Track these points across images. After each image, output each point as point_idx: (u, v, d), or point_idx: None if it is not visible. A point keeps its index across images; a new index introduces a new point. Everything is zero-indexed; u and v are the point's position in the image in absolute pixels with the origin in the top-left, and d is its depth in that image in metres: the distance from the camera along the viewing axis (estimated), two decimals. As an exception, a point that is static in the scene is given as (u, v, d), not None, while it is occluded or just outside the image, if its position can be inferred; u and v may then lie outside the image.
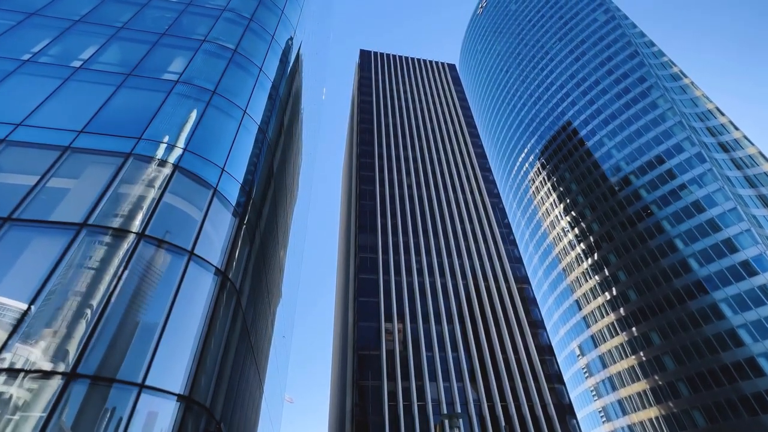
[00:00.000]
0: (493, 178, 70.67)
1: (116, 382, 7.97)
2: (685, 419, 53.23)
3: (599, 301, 71.06)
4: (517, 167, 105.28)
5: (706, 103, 68.62)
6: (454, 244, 57.24)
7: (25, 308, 7.94)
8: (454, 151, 74.38)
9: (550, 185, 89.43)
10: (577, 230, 78.79)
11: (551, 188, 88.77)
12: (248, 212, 14.07)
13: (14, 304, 8.03)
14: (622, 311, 65.84)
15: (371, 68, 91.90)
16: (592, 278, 73.36)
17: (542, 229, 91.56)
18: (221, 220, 12.37)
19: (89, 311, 8.32)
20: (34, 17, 15.87)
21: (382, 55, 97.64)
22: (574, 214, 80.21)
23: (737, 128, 64.13)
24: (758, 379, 46.38)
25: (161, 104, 13.15)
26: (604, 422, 68.65)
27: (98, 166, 11.09)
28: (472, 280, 53.45)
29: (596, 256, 72.70)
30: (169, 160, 11.69)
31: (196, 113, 13.52)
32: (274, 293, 22.80)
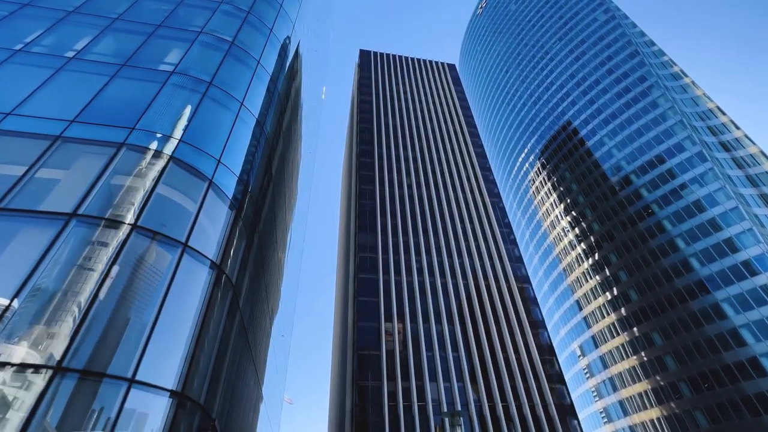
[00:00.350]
0: (493, 177, 70.39)
1: (105, 376, 7.64)
2: (687, 420, 52.85)
3: (600, 301, 70.72)
4: (517, 167, 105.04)
5: (706, 102, 68.42)
6: (454, 243, 56.93)
7: (8, 301, 7.62)
8: (454, 150, 74.12)
9: (550, 185, 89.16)
10: (577, 230, 78.50)
11: (551, 188, 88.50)
12: (245, 206, 13.75)
13: (-1, 295, 7.71)
14: (623, 311, 65.50)
15: (371, 68, 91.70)
16: (592, 278, 73.04)
17: (542, 229, 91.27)
18: (217, 212, 12.05)
19: (77, 303, 8.00)
20: (27, 8, 15.58)
21: (381, 55, 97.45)
22: (574, 213, 79.93)
23: (738, 127, 63.90)
24: (761, 379, 46.05)
25: (156, 95, 12.84)
26: (605, 423, 68.24)
27: (90, 156, 10.77)
28: (472, 279, 53.12)
29: (597, 255, 72.40)
30: (163, 150, 11.38)
31: (191, 104, 13.22)
32: (272, 291, 22.47)
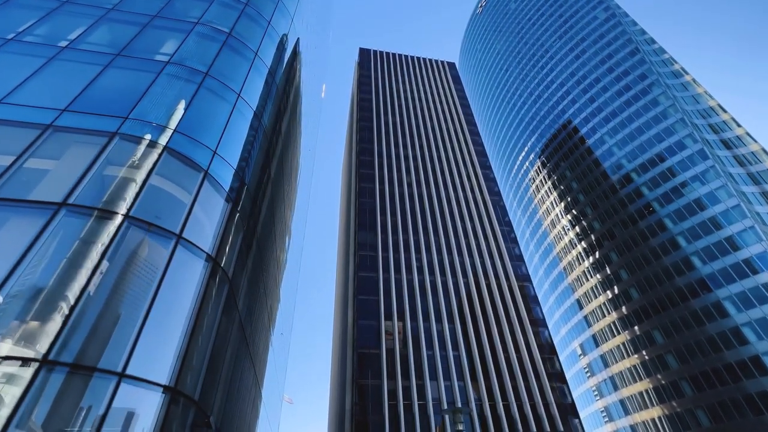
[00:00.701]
0: (493, 176, 70.09)
1: (93, 370, 7.34)
2: (688, 419, 52.57)
3: (601, 300, 70.43)
4: (517, 166, 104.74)
5: (707, 100, 68.13)
6: (454, 241, 56.63)
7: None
8: (454, 149, 73.82)
9: (550, 183, 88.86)
10: (578, 229, 78.21)
11: (552, 186, 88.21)
12: (242, 199, 13.45)
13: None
14: (624, 310, 65.21)
15: (371, 66, 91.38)
16: (593, 277, 72.74)
17: (543, 227, 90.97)
18: (212, 204, 11.75)
19: (66, 295, 7.69)
20: (20, -2, 15.26)
21: (381, 53, 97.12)
22: (574, 212, 79.63)
23: (740, 125, 63.62)
24: (763, 377, 45.75)
25: (150, 84, 12.54)
26: (606, 422, 67.96)
27: (82, 145, 10.47)
28: (473, 277, 52.82)
29: (597, 254, 72.10)
30: (156, 140, 11.08)
31: (187, 94, 12.91)
32: (271, 287, 22.17)
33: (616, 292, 67.15)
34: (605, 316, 69.20)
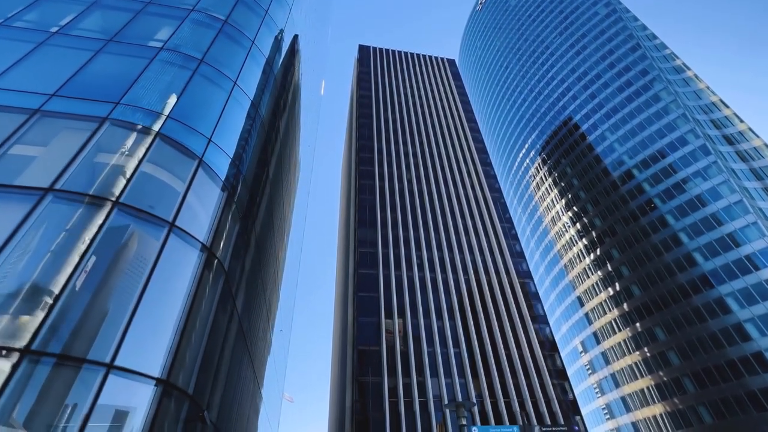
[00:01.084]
0: (493, 173, 69.69)
1: (80, 361, 6.98)
2: (690, 415, 52.30)
3: (602, 296, 70.12)
4: (518, 163, 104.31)
5: (709, 95, 67.67)
6: (455, 238, 56.28)
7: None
8: (454, 145, 73.41)
9: (551, 180, 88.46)
10: (579, 225, 77.84)
11: (553, 183, 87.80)
12: (239, 188, 13.08)
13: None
14: (625, 307, 64.90)
15: (370, 63, 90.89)
16: (594, 274, 72.42)
17: (544, 224, 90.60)
18: (207, 193, 11.38)
19: (51, 284, 7.33)
20: (10, -16, 14.84)
21: (381, 50, 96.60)
22: (575, 209, 79.25)
23: (742, 120, 63.19)
24: (766, 374, 45.47)
25: (143, 70, 12.15)
26: (607, 419, 67.75)
27: (71, 131, 10.09)
28: (473, 274, 52.49)
29: (599, 251, 71.76)
30: (149, 126, 10.70)
31: (181, 81, 12.53)
32: (269, 282, 21.80)
33: (617, 288, 66.83)
34: (606, 313, 68.90)
